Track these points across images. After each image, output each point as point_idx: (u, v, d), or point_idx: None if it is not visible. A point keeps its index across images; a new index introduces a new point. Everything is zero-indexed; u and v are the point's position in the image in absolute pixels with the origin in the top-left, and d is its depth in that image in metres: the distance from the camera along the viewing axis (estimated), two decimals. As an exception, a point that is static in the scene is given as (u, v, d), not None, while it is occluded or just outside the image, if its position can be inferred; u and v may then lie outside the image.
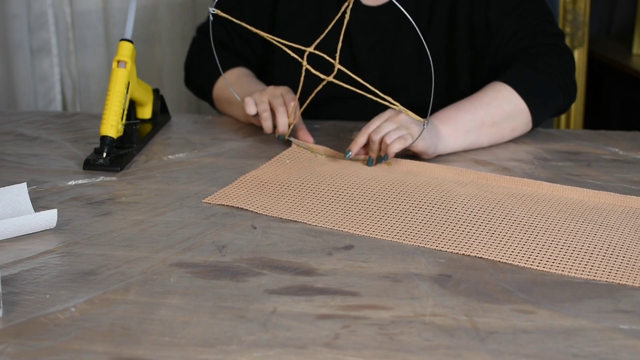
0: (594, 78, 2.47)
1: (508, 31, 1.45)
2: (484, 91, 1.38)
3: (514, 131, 1.39)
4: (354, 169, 1.26)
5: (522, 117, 1.39)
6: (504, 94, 1.37)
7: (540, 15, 1.48)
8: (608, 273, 0.96)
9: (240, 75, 1.53)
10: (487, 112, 1.35)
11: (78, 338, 0.83)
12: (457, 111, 1.35)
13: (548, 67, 1.41)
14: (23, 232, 1.05)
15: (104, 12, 2.19)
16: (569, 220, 1.10)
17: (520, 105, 1.38)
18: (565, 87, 1.43)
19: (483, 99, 1.37)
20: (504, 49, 1.46)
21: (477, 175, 1.24)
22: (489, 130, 1.36)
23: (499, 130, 1.37)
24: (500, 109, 1.36)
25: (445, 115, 1.34)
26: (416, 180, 1.22)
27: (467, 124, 1.34)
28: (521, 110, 1.38)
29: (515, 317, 0.86)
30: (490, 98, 1.37)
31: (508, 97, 1.37)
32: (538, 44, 1.44)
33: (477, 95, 1.38)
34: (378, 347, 0.81)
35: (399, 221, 1.09)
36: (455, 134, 1.33)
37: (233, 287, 0.93)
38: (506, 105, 1.37)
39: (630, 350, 0.81)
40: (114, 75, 1.31)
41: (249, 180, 1.23)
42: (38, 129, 1.48)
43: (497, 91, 1.38)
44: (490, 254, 1.00)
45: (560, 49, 1.45)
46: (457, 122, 1.33)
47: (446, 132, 1.32)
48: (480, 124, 1.35)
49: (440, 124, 1.32)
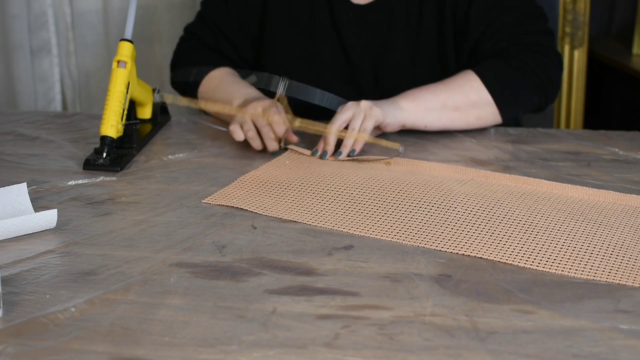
0: (594, 78, 2.47)
1: (488, 30, 1.46)
2: (453, 78, 1.43)
3: (479, 120, 1.43)
4: (353, 169, 1.26)
5: (488, 108, 1.42)
6: (471, 83, 1.41)
7: (523, 11, 1.48)
8: (608, 273, 0.96)
9: (222, 77, 1.52)
10: (450, 96, 1.40)
11: (78, 338, 0.83)
12: (420, 91, 1.40)
13: (524, 65, 1.43)
14: (23, 232, 1.05)
15: (104, 12, 2.19)
16: (568, 219, 1.10)
17: (486, 97, 1.41)
18: (542, 86, 1.44)
19: (450, 84, 1.41)
20: (483, 48, 1.47)
21: (477, 174, 1.24)
22: (452, 114, 1.40)
23: (462, 116, 1.41)
24: (465, 96, 1.40)
25: (409, 93, 1.40)
26: (416, 179, 1.22)
27: (428, 103, 1.38)
28: (487, 101, 1.42)
29: (515, 317, 0.86)
30: (457, 85, 1.41)
31: (475, 87, 1.41)
32: (518, 43, 1.46)
33: (445, 81, 1.42)
34: (378, 347, 0.81)
35: (399, 221, 1.09)
36: (415, 109, 1.37)
37: (233, 287, 0.93)
38: (472, 94, 1.41)
39: (630, 350, 0.81)
40: (114, 75, 1.31)
41: (249, 180, 1.23)
42: (38, 129, 1.48)
43: (465, 79, 1.42)
44: (490, 254, 1.00)
45: (541, 47, 1.46)
46: (418, 99, 1.38)
47: (406, 106, 1.37)
48: (441, 106, 1.39)
49: (402, 99, 1.38)
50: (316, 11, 1.51)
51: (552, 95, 1.47)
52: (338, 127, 1.31)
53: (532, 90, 1.44)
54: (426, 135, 1.43)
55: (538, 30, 1.48)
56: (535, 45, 1.45)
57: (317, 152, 1.32)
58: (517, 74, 1.42)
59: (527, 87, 1.43)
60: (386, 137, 1.40)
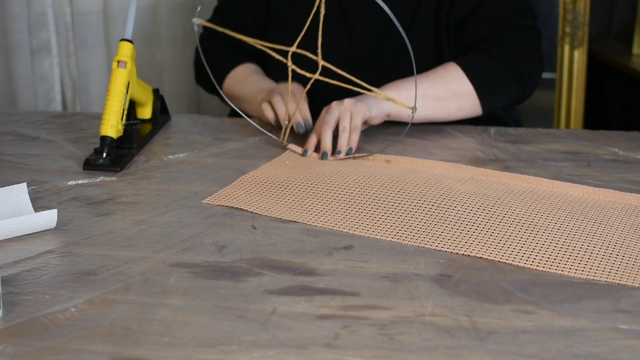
0: (594, 78, 2.47)
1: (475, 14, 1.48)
2: (436, 69, 1.44)
3: (460, 110, 1.44)
4: (353, 168, 1.26)
5: (469, 98, 1.43)
6: (453, 74, 1.43)
7: (511, 3, 1.50)
8: (608, 273, 0.96)
9: (249, 72, 1.56)
10: (431, 86, 1.41)
11: (78, 338, 0.83)
12: (403, 81, 1.41)
13: (503, 57, 1.45)
14: (23, 232, 1.05)
15: (104, 12, 2.19)
16: (568, 218, 1.10)
17: (467, 87, 1.43)
18: (520, 78, 1.46)
19: (431, 75, 1.43)
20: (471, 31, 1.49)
21: (477, 172, 1.25)
22: (433, 104, 1.41)
23: (444, 106, 1.42)
24: (446, 86, 1.42)
25: (391, 84, 1.41)
26: (416, 178, 1.22)
27: (410, 93, 1.38)
28: (468, 92, 1.43)
29: (515, 317, 0.86)
30: (439, 75, 1.43)
31: (457, 77, 1.43)
32: (499, 34, 1.47)
33: (427, 72, 1.44)
34: (378, 347, 0.81)
35: (399, 221, 1.09)
36: (398, 99, 1.37)
37: (233, 287, 0.93)
38: (453, 85, 1.42)
39: (630, 350, 0.81)
40: (114, 75, 1.31)
41: (249, 180, 1.23)
42: (38, 129, 1.48)
43: (447, 70, 1.43)
44: (490, 253, 1.00)
45: (521, 41, 1.47)
46: (400, 89, 1.39)
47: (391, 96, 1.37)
48: (423, 95, 1.40)
49: (388, 89, 1.39)
50: None
51: (530, 89, 1.49)
52: (332, 127, 1.32)
53: (511, 82, 1.46)
54: (426, 136, 1.43)
55: (523, 24, 1.49)
56: (518, 39, 1.47)
57: (307, 152, 1.33)
58: (497, 65, 1.44)
59: (507, 79, 1.45)
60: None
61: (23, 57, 2.16)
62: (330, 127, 1.32)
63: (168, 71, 2.26)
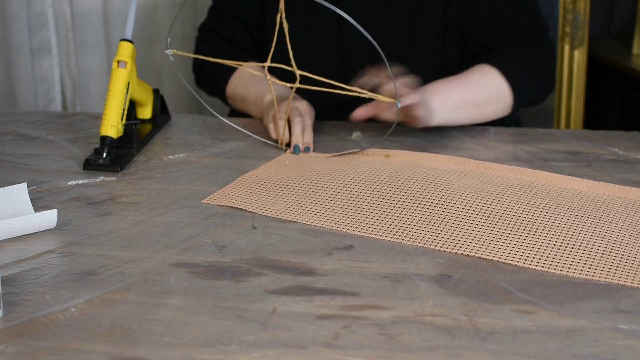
0: (594, 78, 2.47)
1: (496, 17, 1.48)
2: (473, 72, 1.42)
3: (494, 114, 1.44)
4: (352, 164, 1.26)
5: (505, 100, 1.43)
6: (492, 76, 1.42)
7: (528, 6, 1.51)
8: (607, 272, 0.96)
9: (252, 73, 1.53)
10: (474, 92, 1.40)
11: (78, 338, 0.83)
12: (448, 87, 1.38)
13: (532, 57, 1.45)
14: (23, 232, 1.05)
15: (104, 12, 2.19)
16: (567, 214, 1.10)
17: (505, 89, 1.42)
18: (544, 78, 1.48)
19: (472, 79, 1.41)
20: (492, 33, 1.48)
21: (477, 165, 1.25)
22: (473, 110, 1.40)
23: (481, 111, 1.42)
24: (487, 91, 1.41)
25: (437, 90, 1.37)
26: (415, 173, 1.22)
27: (455, 101, 1.37)
28: (505, 94, 1.42)
29: (515, 317, 0.86)
30: (479, 80, 1.41)
31: (495, 80, 1.41)
32: (523, 34, 1.48)
33: (466, 75, 1.41)
34: (378, 347, 0.81)
35: (398, 220, 1.09)
36: (443, 108, 1.36)
37: (233, 287, 0.93)
38: (493, 88, 1.41)
39: (630, 350, 0.81)
40: (114, 75, 1.31)
41: (249, 180, 1.23)
42: (38, 129, 1.48)
43: (485, 73, 1.42)
44: (489, 253, 1.00)
45: (542, 41, 1.49)
46: (447, 98, 1.37)
47: (435, 106, 1.35)
48: (466, 103, 1.39)
49: (433, 97, 1.35)
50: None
51: (550, 87, 1.51)
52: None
53: (538, 81, 1.47)
54: (426, 136, 1.43)
55: (539, 25, 1.51)
56: (537, 38, 1.48)
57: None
58: (527, 65, 1.45)
59: (535, 78, 1.46)
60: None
61: (23, 57, 2.16)
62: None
63: (168, 71, 2.26)
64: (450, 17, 1.50)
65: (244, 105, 1.52)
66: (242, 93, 1.52)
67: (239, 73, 1.54)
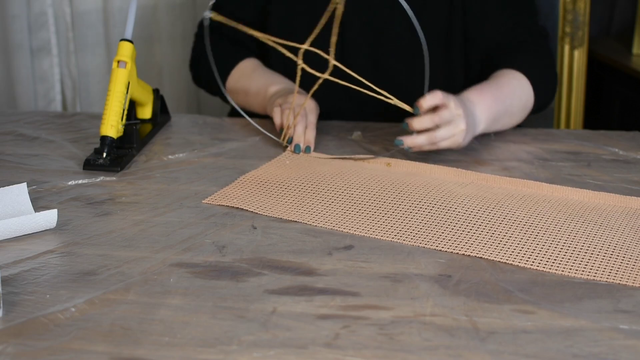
0: (594, 78, 2.47)
1: (508, 21, 1.48)
2: (510, 80, 1.40)
3: (517, 122, 1.44)
4: (353, 170, 1.26)
5: (529, 109, 1.44)
6: (524, 86, 1.41)
7: (532, 13, 1.51)
8: (608, 274, 0.96)
9: (255, 67, 1.53)
10: (512, 103, 1.39)
11: (78, 338, 0.83)
12: (494, 100, 1.35)
13: (546, 66, 1.46)
14: (23, 232, 1.05)
15: (104, 12, 2.19)
16: (568, 220, 1.10)
17: (531, 99, 1.42)
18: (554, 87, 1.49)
19: (508, 88, 1.39)
20: (502, 38, 1.48)
21: (477, 176, 1.24)
22: (506, 119, 1.40)
23: (511, 120, 1.42)
24: (521, 101, 1.41)
25: (485, 103, 1.34)
26: (416, 181, 1.22)
27: (496, 114, 1.36)
28: (531, 104, 1.43)
29: (515, 317, 0.86)
30: (515, 88, 1.40)
31: (526, 89, 1.41)
32: (532, 41, 1.48)
33: (503, 83, 1.39)
34: (378, 347, 0.81)
35: (399, 222, 1.09)
36: (485, 120, 1.35)
37: (233, 287, 0.93)
38: (524, 97, 1.41)
39: (630, 350, 0.81)
40: (114, 75, 1.31)
41: (249, 180, 1.23)
42: (38, 129, 1.48)
43: (518, 80, 1.41)
44: (490, 254, 1.00)
45: (548, 49, 1.50)
46: (491, 111, 1.35)
47: (480, 118, 1.33)
48: (504, 113, 1.38)
49: (479, 111, 1.33)
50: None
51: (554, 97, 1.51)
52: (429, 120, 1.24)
53: (552, 91, 1.48)
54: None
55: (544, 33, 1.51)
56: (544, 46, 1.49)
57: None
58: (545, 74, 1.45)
59: (549, 88, 1.47)
60: (375, 133, 1.40)
61: (23, 57, 2.16)
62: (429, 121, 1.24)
63: (168, 71, 2.26)
64: (455, 20, 1.49)
65: (245, 99, 1.51)
66: (244, 86, 1.51)
67: (240, 67, 1.53)
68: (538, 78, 1.43)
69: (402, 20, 1.49)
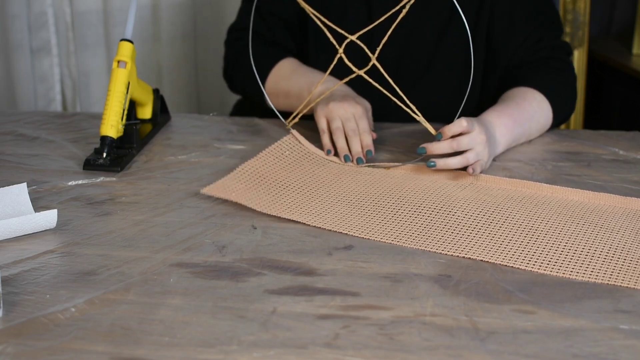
0: (594, 78, 2.47)
1: (531, 37, 1.46)
2: (530, 102, 1.39)
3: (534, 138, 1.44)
4: (352, 173, 1.26)
5: (546, 129, 1.44)
6: (544, 109, 1.40)
7: (558, 29, 1.50)
8: (609, 276, 0.96)
9: (294, 66, 1.50)
10: (531, 125, 1.38)
11: (78, 338, 0.83)
12: (514, 123, 1.34)
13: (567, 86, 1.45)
14: (23, 232, 1.05)
15: (104, 12, 2.19)
16: (569, 222, 1.10)
17: (550, 120, 1.42)
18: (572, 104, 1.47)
19: (529, 112, 1.38)
20: (525, 52, 1.46)
21: (477, 178, 1.24)
22: (524, 140, 1.40)
23: (528, 139, 1.41)
24: (539, 124, 1.41)
25: (505, 127, 1.33)
26: (416, 184, 1.22)
27: (516, 136, 1.36)
28: (549, 124, 1.43)
29: (515, 317, 0.86)
30: (535, 112, 1.39)
31: (545, 111, 1.41)
32: (557, 57, 1.46)
33: (525, 107, 1.38)
34: (378, 347, 0.81)
35: (399, 225, 1.09)
36: (505, 143, 1.34)
37: (233, 287, 0.93)
38: (543, 119, 1.41)
39: (630, 350, 0.81)
40: (114, 75, 1.31)
41: (248, 172, 1.22)
42: (38, 129, 1.48)
43: (539, 103, 1.40)
44: (490, 256, 1.00)
45: (571, 66, 1.48)
46: (511, 134, 1.34)
47: (500, 141, 1.32)
48: (522, 135, 1.38)
49: (500, 134, 1.32)
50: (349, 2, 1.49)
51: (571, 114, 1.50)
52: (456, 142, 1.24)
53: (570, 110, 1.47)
54: (428, 137, 1.42)
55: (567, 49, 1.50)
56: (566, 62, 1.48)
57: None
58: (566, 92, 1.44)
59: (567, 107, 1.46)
60: (385, 138, 1.40)
61: (23, 57, 2.16)
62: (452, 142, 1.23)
63: (168, 71, 2.26)
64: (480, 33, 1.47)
65: (286, 100, 1.48)
66: (285, 87, 1.48)
67: (279, 69, 1.50)
68: (558, 98, 1.42)
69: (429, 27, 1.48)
